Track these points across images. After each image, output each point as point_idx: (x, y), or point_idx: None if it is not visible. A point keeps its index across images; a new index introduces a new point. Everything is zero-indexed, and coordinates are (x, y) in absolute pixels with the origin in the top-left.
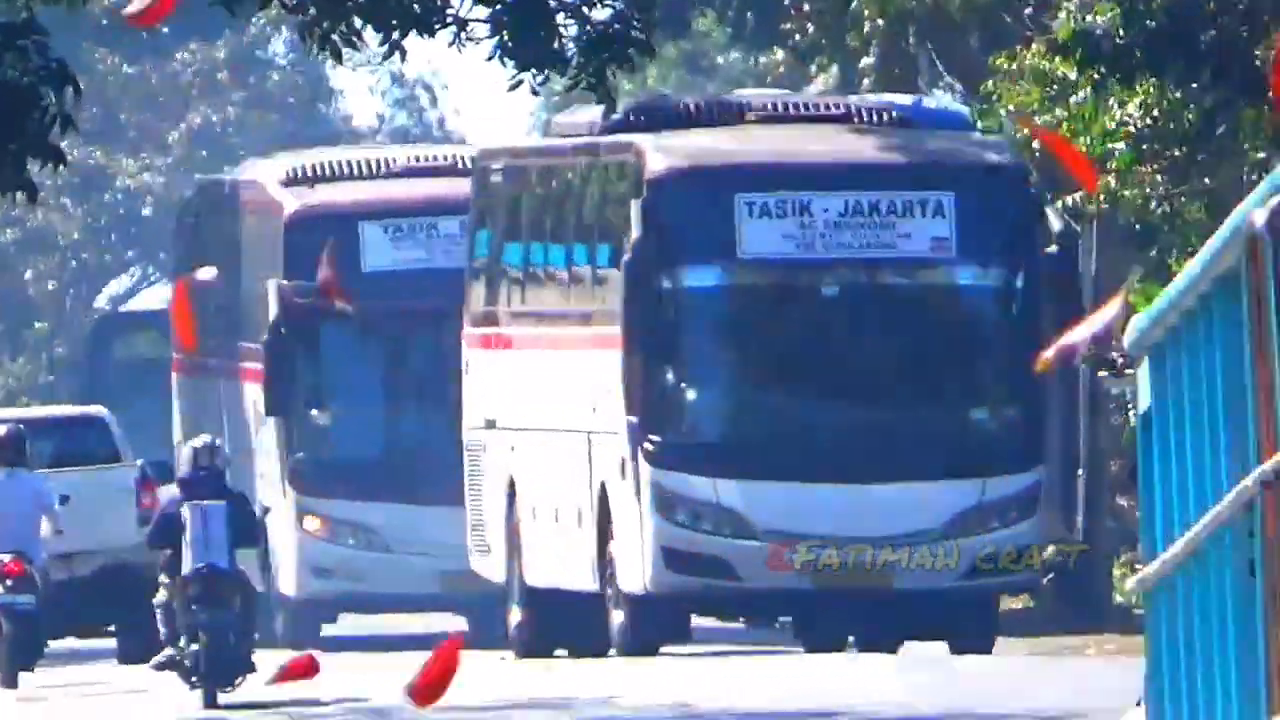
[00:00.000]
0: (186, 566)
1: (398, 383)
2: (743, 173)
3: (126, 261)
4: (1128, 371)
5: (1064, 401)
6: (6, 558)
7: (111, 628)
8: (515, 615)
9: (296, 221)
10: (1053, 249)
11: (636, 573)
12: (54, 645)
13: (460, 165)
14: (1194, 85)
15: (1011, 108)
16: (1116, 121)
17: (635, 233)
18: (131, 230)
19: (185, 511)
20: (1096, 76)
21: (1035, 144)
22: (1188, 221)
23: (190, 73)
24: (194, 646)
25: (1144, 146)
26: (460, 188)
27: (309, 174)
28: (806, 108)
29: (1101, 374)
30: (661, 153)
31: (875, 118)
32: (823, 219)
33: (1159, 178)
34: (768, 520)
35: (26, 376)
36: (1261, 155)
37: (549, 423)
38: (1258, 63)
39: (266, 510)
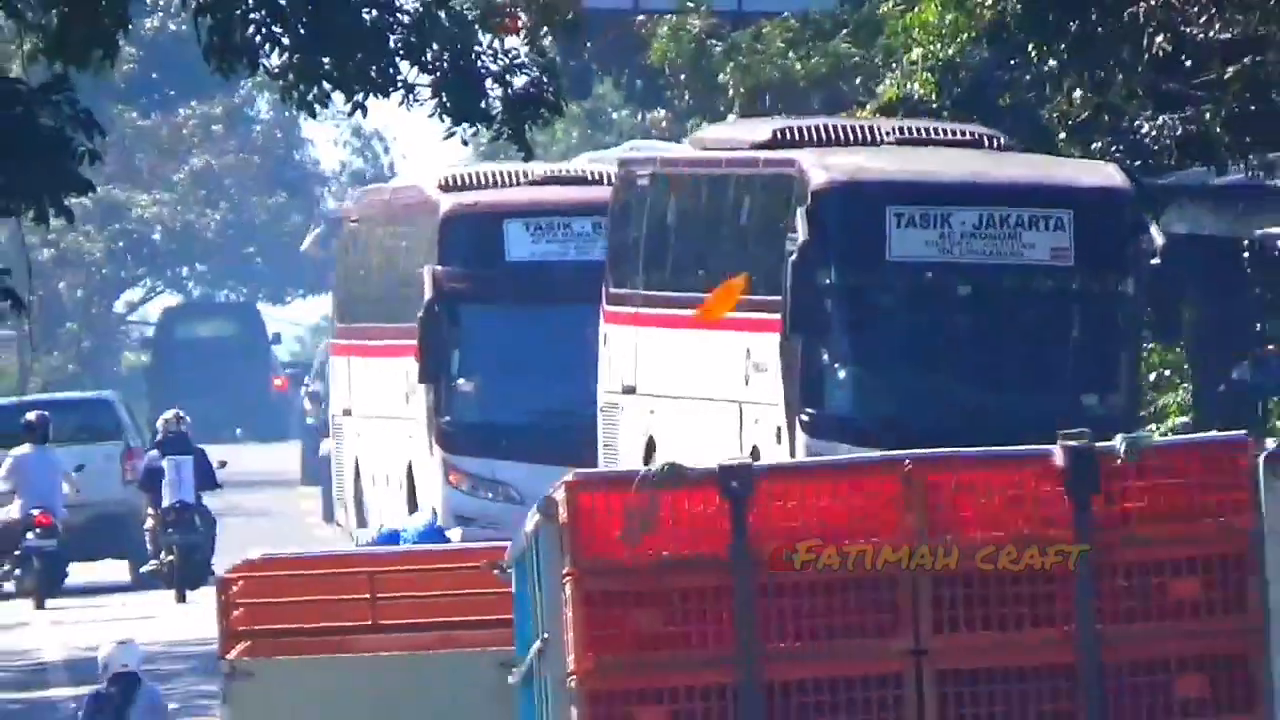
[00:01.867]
0: (165, 502)
1: (532, 357)
2: (893, 187)
3: (138, 276)
4: None
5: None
6: (36, 512)
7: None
8: None
9: (450, 217)
10: (1156, 260)
11: None
12: (72, 581)
13: (590, 176)
14: None
15: None
16: None
17: (800, 235)
18: (144, 251)
19: (163, 463)
20: None
21: None
22: None
23: (191, 125)
24: (169, 559)
25: None
26: (588, 193)
27: (459, 182)
28: (934, 132)
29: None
30: (823, 168)
31: (990, 142)
32: (959, 229)
33: None
34: None
35: (60, 369)
36: None
37: (696, 391)
38: (1044, 122)
39: (223, 463)
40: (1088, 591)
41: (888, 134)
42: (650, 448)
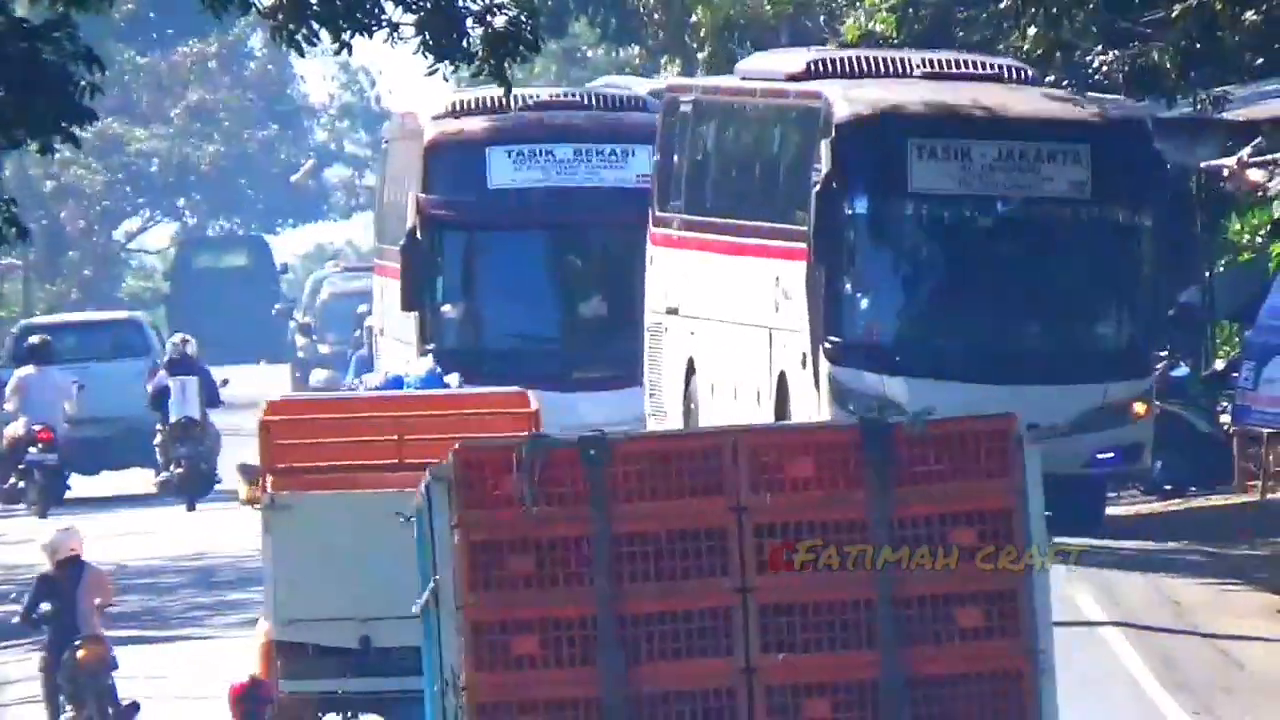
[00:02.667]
0: (172, 418)
1: (513, 283)
2: (915, 121)
3: (137, 206)
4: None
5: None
6: (38, 428)
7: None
8: None
9: (432, 146)
10: (1167, 194)
11: None
12: (95, 491)
13: (581, 99)
14: None
15: None
16: None
17: (824, 167)
18: (141, 183)
19: (170, 382)
20: None
21: None
22: None
23: (188, 62)
24: (178, 470)
25: None
26: (576, 120)
27: (454, 109)
28: (961, 64)
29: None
30: (847, 101)
31: (1015, 75)
32: (980, 162)
33: None
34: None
35: (63, 295)
36: None
37: (731, 315)
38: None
39: (225, 381)
40: (883, 538)
41: (917, 66)
42: (690, 369)
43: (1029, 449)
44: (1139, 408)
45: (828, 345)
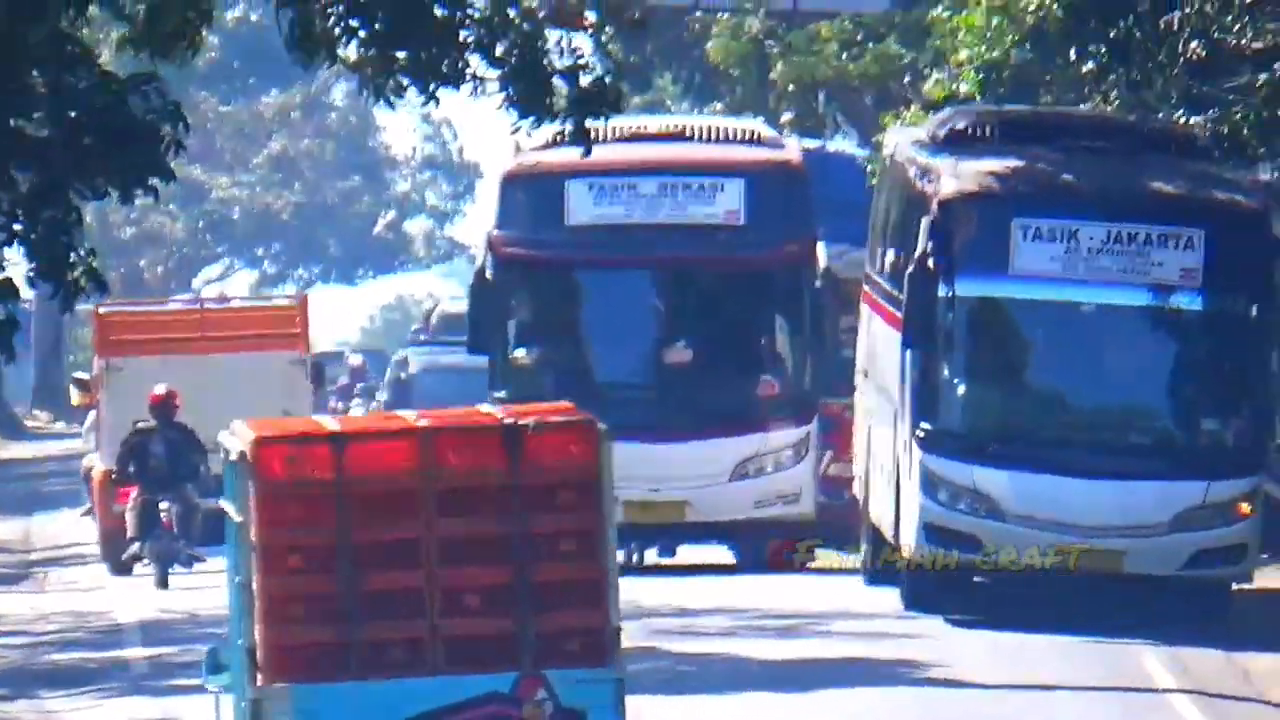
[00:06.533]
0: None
1: (588, 327)
2: (1020, 200)
3: (219, 254)
4: None
5: None
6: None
7: None
8: (862, 546)
9: (509, 178)
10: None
11: (907, 538)
12: None
13: (683, 130)
14: None
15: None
16: None
17: (920, 245)
18: (222, 231)
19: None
20: None
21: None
22: None
23: (271, 111)
24: None
25: None
26: (666, 152)
27: (545, 142)
28: (1108, 132)
29: None
30: (954, 178)
31: (1164, 144)
32: (1087, 245)
33: None
34: (1018, 505)
35: None
36: None
37: (886, 385)
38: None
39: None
40: (517, 499)
41: (1059, 126)
42: (868, 435)
43: (605, 444)
44: (1244, 507)
45: (919, 433)
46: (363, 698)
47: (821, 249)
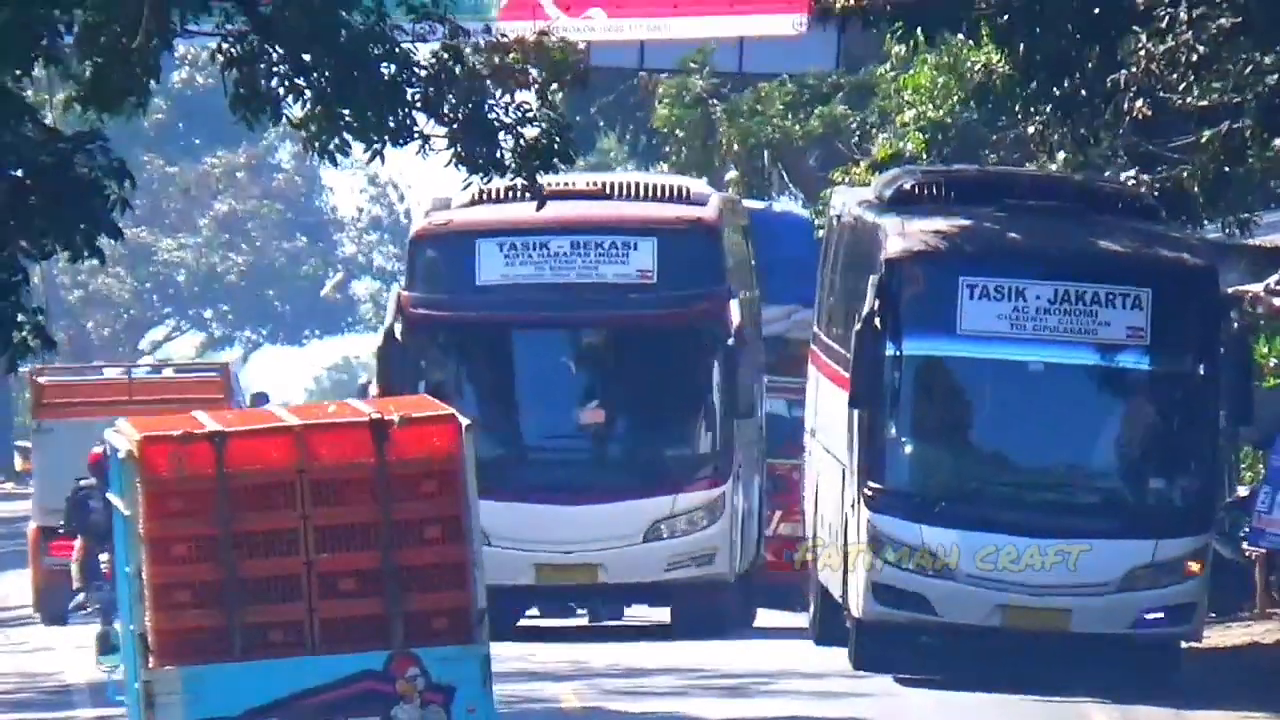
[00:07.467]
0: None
1: (501, 388)
2: (967, 260)
3: (165, 316)
4: None
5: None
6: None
7: None
8: (811, 605)
9: (417, 238)
10: (1229, 341)
11: (856, 598)
12: None
13: (603, 188)
14: None
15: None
16: None
17: (867, 305)
18: (169, 292)
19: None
20: None
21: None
22: None
23: (217, 172)
24: None
25: None
26: (579, 210)
27: (448, 202)
28: (1055, 192)
29: None
30: (901, 237)
31: (1111, 204)
32: (1034, 304)
33: None
34: (966, 565)
35: None
36: None
37: (831, 445)
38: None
39: None
40: (385, 485)
41: (1006, 188)
42: (816, 496)
43: (468, 439)
44: (1193, 566)
45: (867, 492)
46: (247, 677)
47: (734, 306)
